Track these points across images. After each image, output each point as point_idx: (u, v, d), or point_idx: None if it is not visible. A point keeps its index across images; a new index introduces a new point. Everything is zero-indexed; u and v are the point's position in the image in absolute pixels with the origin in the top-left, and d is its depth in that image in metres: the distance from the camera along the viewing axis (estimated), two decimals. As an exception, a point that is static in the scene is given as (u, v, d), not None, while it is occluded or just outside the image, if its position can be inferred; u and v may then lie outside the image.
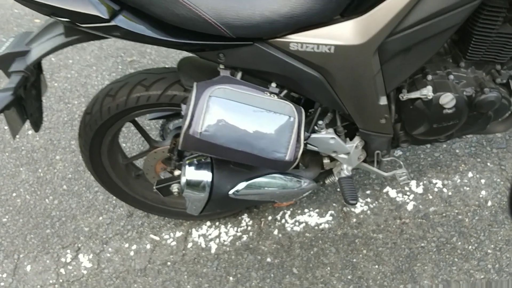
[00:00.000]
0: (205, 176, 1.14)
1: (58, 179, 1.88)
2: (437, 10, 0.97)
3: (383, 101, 1.13)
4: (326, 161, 1.33)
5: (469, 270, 1.48)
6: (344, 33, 0.99)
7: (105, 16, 0.92)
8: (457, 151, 1.83)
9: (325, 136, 1.20)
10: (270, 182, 1.19)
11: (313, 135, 1.20)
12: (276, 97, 1.03)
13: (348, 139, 1.27)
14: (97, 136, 1.33)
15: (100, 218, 1.75)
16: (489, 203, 1.64)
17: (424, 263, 1.51)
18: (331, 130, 1.22)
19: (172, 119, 1.47)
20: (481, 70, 1.20)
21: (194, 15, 0.92)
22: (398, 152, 1.85)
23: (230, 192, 1.15)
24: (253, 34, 0.97)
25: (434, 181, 1.74)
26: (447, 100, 1.11)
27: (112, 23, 0.93)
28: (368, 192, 1.74)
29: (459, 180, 1.73)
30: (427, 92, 1.10)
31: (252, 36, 0.98)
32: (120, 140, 1.97)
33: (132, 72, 1.29)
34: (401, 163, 1.38)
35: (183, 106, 0.99)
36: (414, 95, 1.13)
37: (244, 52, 1.01)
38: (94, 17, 0.91)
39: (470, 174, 1.74)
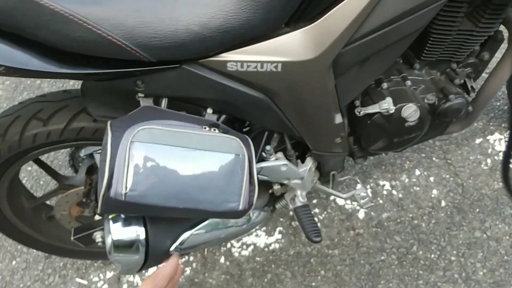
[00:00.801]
0: (137, 233, 0.88)
1: (-45, 219, 1.56)
2: (401, 12, 0.81)
3: (338, 119, 0.96)
4: (276, 187, 1.14)
5: (436, 283, 1.37)
6: (292, 46, 0.80)
7: None
8: (401, 146, 1.73)
9: (276, 164, 1.01)
10: (217, 223, 0.99)
11: (263, 164, 1.01)
12: (217, 130, 0.82)
13: (299, 161, 1.10)
14: (-11, 184, 1.06)
15: (14, 262, 1.50)
16: (443, 203, 1.56)
17: (388, 279, 1.40)
18: (280, 154, 1.04)
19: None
20: (435, 70, 1.09)
21: (95, 36, 0.68)
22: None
23: (172, 248, 0.91)
24: (179, 55, 0.75)
25: (381, 182, 1.63)
26: (410, 112, 0.97)
27: None
28: (314, 201, 1.59)
29: (407, 180, 1.63)
30: (388, 105, 0.95)
31: (178, 58, 0.76)
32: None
33: (23, 100, 1.00)
34: (357, 179, 1.23)
35: (97, 157, 0.75)
36: (372, 109, 0.98)
37: (168, 77, 0.79)
38: None
39: (417, 172, 1.65)
